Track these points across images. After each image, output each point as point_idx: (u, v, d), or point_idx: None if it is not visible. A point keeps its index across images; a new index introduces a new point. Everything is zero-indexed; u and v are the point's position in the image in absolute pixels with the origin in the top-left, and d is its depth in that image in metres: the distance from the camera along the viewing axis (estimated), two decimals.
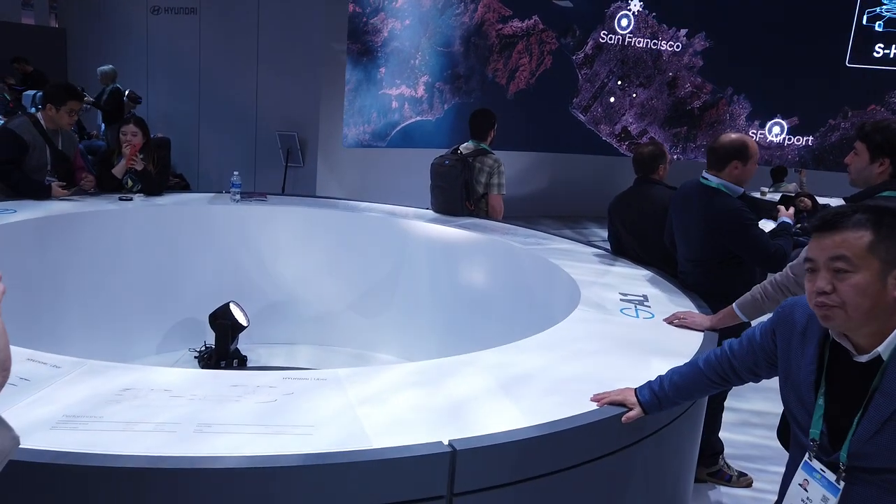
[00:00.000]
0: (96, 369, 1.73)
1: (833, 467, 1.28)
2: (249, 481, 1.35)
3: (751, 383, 1.71)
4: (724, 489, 3.21)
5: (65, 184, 3.80)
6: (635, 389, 1.75)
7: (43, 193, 3.69)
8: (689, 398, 1.75)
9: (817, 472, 1.31)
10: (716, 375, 1.64)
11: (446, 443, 1.50)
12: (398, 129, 8.41)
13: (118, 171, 3.97)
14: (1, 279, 0.90)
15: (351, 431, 1.53)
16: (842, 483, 1.27)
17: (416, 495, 1.47)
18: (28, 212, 3.42)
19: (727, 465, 3.29)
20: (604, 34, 9.63)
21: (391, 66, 8.19)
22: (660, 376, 1.75)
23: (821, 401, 1.33)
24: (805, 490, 1.33)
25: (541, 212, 9.52)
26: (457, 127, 8.32)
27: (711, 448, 3.20)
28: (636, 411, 1.71)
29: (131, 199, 3.90)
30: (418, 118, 8.54)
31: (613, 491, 1.80)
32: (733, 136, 2.99)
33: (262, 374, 1.81)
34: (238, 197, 4.16)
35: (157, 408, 1.55)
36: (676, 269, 3.18)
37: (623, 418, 1.71)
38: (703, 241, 2.93)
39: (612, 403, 1.75)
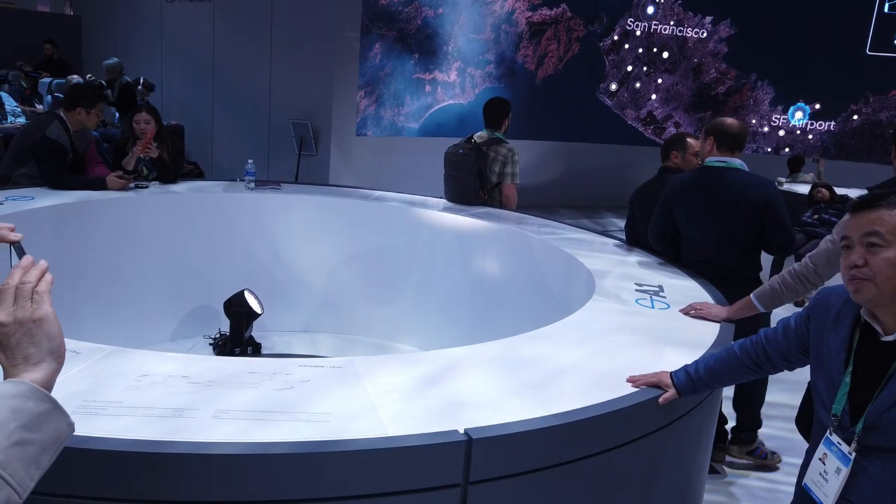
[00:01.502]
0: (115, 354, 1.75)
1: (849, 441, 1.33)
2: (265, 467, 1.36)
3: (771, 376, 1.75)
4: (736, 479, 3.19)
5: (121, 172, 3.82)
6: (671, 372, 1.80)
7: (99, 186, 3.72)
8: (722, 383, 1.80)
9: (835, 445, 1.36)
10: (750, 361, 1.68)
11: (462, 431, 1.50)
12: (431, 111, 8.74)
13: (127, 163, 3.96)
14: (48, 269, 0.90)
15: (366, 419, 1.53)
16: (853, 454, 1.31)
17: (432, 483, 1.47)
18: (45, 199, 3.45)
19: (762, 442, 3.33)
20: (630, 21, 9.70)
21: (425, 52, 8.49)
22: (696, 360, 1.80)
23: (847, 378, 1.37)
24: (823, 464, 1.38)
25: (558, 202, 9.53)
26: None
27: (753, 421, 3.24)
28: (671, 393, 1.77)
29: (147, 187, 3.92)
30: (450, 101, 8.89)
31: (631, 479, 1.80)
32: (735, 119, 3.12)
33: (279, 361, 1.82)
34: (252, 185, 4.17)
35: (175, 393, 1.56)
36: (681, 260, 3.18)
37: (660, 399, 1.76)
38: (733, 224, 2.95)
39: (647, 385, 1.80)
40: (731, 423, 3.39)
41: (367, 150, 8.17)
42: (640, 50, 9.84)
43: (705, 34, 9.88)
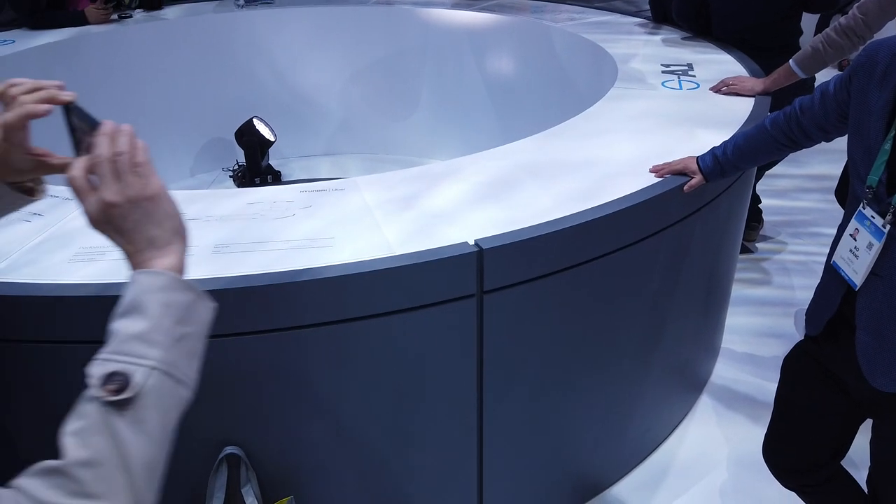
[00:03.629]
0: None
1: (884, 214, 1.21)
2: (274, 298, 1.33)
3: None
4: (771, 255, 3.15)
5: (99, 2, 3.54)
6: (697, 157, 1.69)
7: (79, 21, 3.47)
8: (752, 162, 1.64)
9: (868, 219, 1.23)
10: (782, 135, 1.50)
11: (472, 242, 1.43)
12: None
13: None
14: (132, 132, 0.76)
15: (372, 240, 1.47)
16: (888, 227, 1.19)
17: (446, 297, 1.43)
18: (27, 41, 3.25)
19: None
20: None
21: None
22: (724, 142, 1.65)
23: (887, 146, 1.20)
24: (854, 240, 1.26)
25: None
26: None
27: None
28: (697, 179, 1.67)
29: (131, 16, 3.66)
30: None
31: (653, 271, 1.75)
32: None
33: (279, 189, 1.74)
34: (242, 2, 3.87)
35: None
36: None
37: (685, 187, 1.67)
38: None
39: (672, 173, 1.70)
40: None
41: None
42: None
43: None
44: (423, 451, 1.62)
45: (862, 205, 1.25)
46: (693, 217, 1.76)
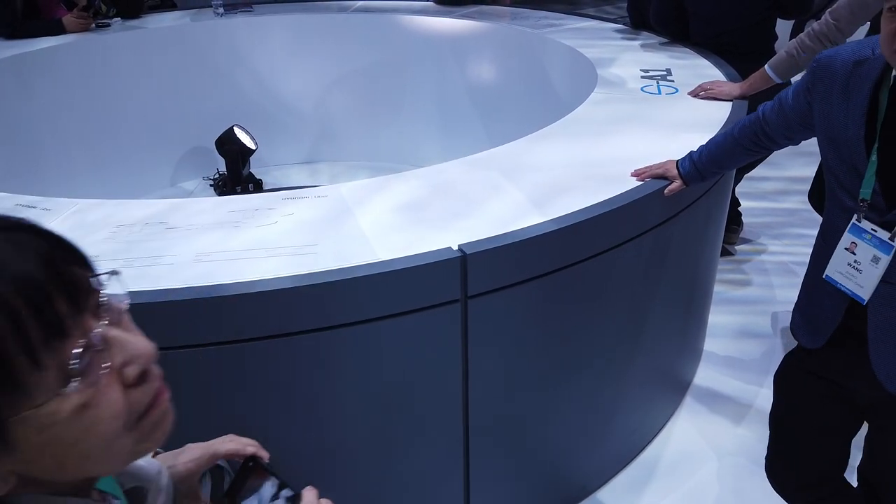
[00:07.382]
0: (87, 208, 1.67)
1: (888, 226, 1.16)
2: (258, 306, 1.32)
3: (789, 148, 1.58)
4: (752, 256, 3.18)
5: (77, 11, 3.49)
6: (677, 161, 1.70)
7: (56, 30, 3.43)
8: (727, 166, 1.66)
9: (867, 232, 1.19)
10: (749, 142, 1.51)
11: (455, 248, 1.44)
12: None
13: None
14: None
15: (356, 246, 1.47)
16: None
17: (430, 302, 1.43)
18: (3, 50, 3.21)
19: None
20: None
21: None
22: (700, 146, 1.67)
23: (874, 157, 1.17)
24: (852, 253, 1.21)
25: None
26: None
27: None
28: (677, 183, 1.68)
29: (109, 25, 3.63)
30: None
31: (635, 274, 1.76)
32: None
33: (261, 196, 1.74)
34: (221, 10, 3.85)
35: (152, 242, 1.50)
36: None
37: (665, 191, 1.68)
38: None
39: (653, 177, 1.72)
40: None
41: None
42: None
43: None
44: (410, 456, 1.61)
45: (856, 218, 1.21)
46: (673, 220, 1.78)
